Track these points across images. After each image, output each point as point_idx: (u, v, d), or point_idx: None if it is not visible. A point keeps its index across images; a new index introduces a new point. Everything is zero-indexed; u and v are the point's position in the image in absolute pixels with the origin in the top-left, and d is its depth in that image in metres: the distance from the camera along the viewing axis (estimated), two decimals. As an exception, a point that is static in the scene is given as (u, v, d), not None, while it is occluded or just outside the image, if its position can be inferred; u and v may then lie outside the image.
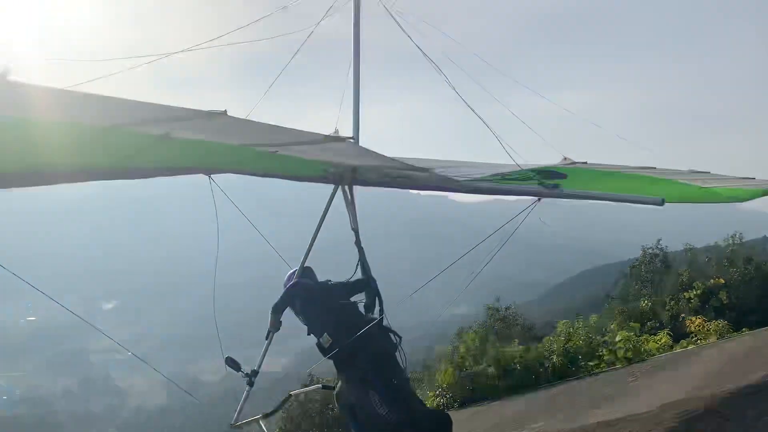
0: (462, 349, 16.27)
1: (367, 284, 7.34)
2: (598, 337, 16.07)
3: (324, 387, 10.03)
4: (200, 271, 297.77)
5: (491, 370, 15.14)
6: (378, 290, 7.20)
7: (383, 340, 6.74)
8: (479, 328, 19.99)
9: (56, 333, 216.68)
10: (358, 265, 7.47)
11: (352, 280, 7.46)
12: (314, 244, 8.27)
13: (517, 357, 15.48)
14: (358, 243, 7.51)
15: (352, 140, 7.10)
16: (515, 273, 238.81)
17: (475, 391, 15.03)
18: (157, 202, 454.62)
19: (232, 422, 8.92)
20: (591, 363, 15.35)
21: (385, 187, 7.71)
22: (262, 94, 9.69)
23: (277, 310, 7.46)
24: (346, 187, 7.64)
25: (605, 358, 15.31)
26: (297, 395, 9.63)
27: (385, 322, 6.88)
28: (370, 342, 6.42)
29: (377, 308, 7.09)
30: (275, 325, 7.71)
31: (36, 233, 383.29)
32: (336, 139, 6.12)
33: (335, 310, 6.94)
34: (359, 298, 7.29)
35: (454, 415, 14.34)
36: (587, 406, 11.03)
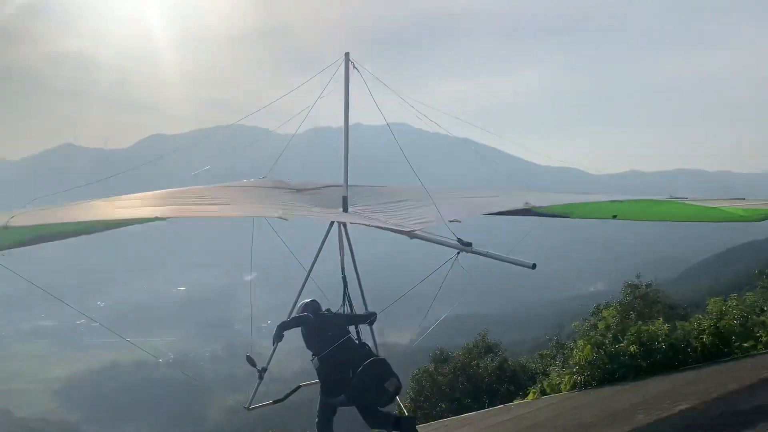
0: (601, 326, 15.47)
1: (369, 317, 9.93)
2: (754, 317, 14.62)
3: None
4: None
5: (633, 348, 14.28)
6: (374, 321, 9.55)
7: (358, 363, 8.80)
8: (618, 305, 18.94)
9: (203, 302, 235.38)
10: (344, 297, 10.13)
11: (359, 313, 9.54)
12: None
13: (662, 335, 14.48)
14: (344, 279, 10.05)
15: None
16: (656, 249, 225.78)
17: (614, 370, 14.27)
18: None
19: (247, 405, 11.71)
20: (746, 344, 14.05)
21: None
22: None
23: (281, 328, 9.40)
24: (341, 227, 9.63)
25: (763, 339, 13.95)
26: (305, 386, 11.96)
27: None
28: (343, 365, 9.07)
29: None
30: (277, 338, 9.60)
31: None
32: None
33: (324, 340, 9.15)
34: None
35: (592, 393, 13.75)
36: (742, 389, 10.10)
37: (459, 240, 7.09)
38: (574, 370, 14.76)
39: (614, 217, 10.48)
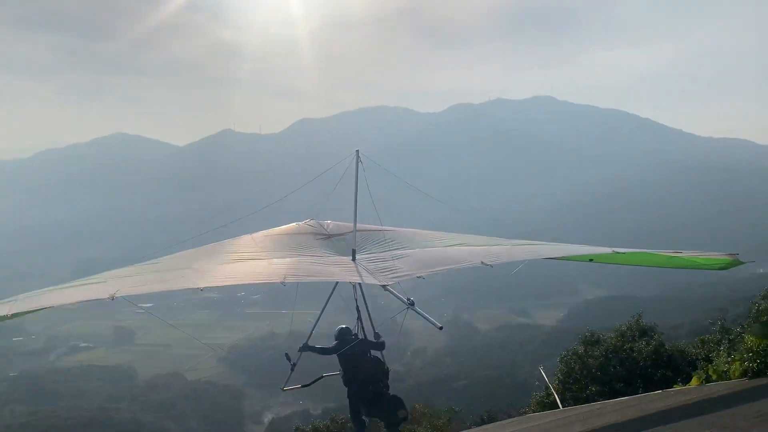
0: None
1: (381, 345, 12.64)
2: None
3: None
4: (478, 223, 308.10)
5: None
6: (383, 347, 12.06)
7: (368, 371, 11.97)
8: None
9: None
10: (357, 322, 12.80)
11: (375, 340, 12.38)
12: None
13: None
14: (357, 310, 12.54)
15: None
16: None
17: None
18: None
19: (282, 387, 14.23)
20: None
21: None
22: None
23: (303, 349, 13.23)
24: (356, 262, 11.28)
25: None
26: (327, 376, 14.30)
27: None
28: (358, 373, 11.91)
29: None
30: (297, 356, 12.99)
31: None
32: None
33: (348, 362, 12.08)
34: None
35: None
36: None
37: (408, 299, 9.80)
38: (745, 356, 13.49)
39: (591, 260, 12.50)
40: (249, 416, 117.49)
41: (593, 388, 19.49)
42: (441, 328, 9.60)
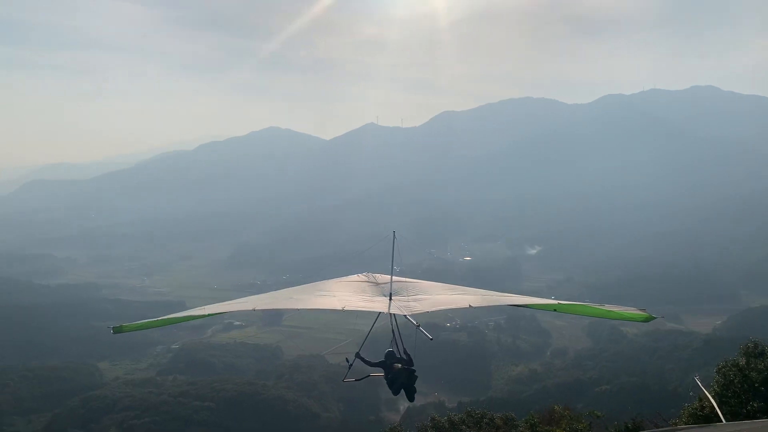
0: None
1: (409, 363, 15.11)
2: None
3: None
4: (627, 219, 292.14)
5: None
6: (410, 361, 15.14)
7: (402, 377, 14.82)
8: None
9: (487, 272, 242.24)
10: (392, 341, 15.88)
11: (404, 357, 15.34)
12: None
13: None
14: (393, 334, 15.64)
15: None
16: None
17: None
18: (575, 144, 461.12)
19: (344, 379, 16.71)
20: None
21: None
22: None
23: (358, 358, 16.15)
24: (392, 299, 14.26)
25: None
26: (372, 376, 16.46)
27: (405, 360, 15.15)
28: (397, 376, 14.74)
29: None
30: (353, 361, 16.13)
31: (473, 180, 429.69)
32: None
33: (389, 371, 15.04)
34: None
35: None
36: None
37: (417, 325, 12.63)
38: None
39: (555, 309, 15.00)
40: (385, 403, 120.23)
41: (755, 404, 17.82)
42: (431, 339, 13.28)
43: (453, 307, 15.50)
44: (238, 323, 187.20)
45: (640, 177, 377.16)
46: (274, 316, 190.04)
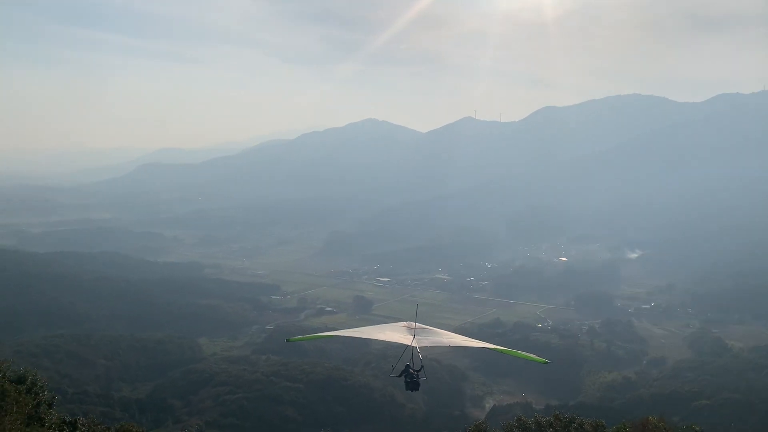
0: None
1: (418, 371, 19.23)
2: None
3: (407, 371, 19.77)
4: (739, 225, 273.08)
5: None
6: (417, 373, 19.34)
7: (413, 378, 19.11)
8: None
9: (584, 274, 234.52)
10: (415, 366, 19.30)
11: (416, 371, 19.32)
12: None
13: None
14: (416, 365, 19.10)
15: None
16: None
17: None
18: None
19: (391, 374, 19.68)
20: None
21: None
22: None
23: (399, 370, 18.82)
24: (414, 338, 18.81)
25: None
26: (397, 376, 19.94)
27: (414, 369, 19.29)
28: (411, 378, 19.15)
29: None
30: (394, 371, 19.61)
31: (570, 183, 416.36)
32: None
33: (408, 375, 19.07)
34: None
35: None
36: None
37: (419, 368, 19.16)
38: None
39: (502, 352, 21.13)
40: (470, 399, 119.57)
41: None
42: (425, 378, 20.03)
43: (452, 344, 21.99)
44: (329, 309, 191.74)
45: (754, 183, 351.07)
46: (364, 304, 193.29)
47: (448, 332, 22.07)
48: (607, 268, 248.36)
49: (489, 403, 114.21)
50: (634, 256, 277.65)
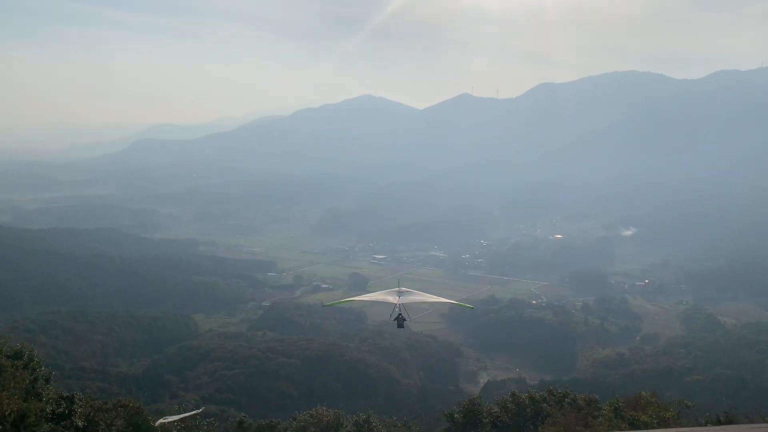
0: None
1: (404, 319, 27.72)
2: None
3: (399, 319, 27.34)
4: (735, 203, 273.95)
5: None
6: (404, 317, 27.56)
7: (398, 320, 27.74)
8: None
9: (579, 252, 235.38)
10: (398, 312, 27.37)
11: (402, 316, 27.53)
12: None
13: None
14: (400, 309, 26.88)
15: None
16: None
17: None
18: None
19: (390, 319, 27.39)
20: None
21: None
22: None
23: (396, 317, 27.42)
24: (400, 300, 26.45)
25: None
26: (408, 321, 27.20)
27: (404, 315, 27.38)
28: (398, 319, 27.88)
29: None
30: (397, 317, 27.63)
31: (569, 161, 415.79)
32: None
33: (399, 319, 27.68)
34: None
35: None
36: None
37: (399, 314, 27.24)
38: None
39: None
40: (464, 374, 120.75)
41: None
42: (409, 320, 28.07)
43: (428, 301, 29.96)
44: (325, 286, 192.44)
45: (751, 160, 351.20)
46: (360, 281, 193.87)
47: (425, 293, 28.89)
48: (602, 245, 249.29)
49: (483, 379, 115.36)
50: (628, 233, 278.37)
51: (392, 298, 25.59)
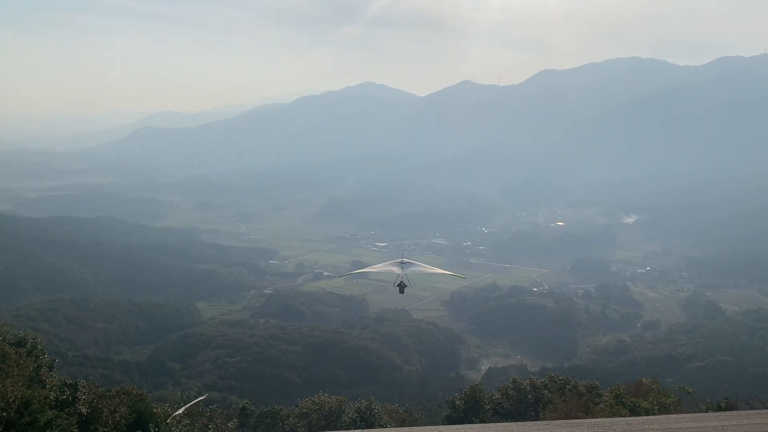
0: None
1: (403, 285, 29.74)
2: None
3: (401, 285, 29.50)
4: (736, 190, 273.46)
5: None
6: (405, 284, 29.60)
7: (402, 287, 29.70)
8: None
9: (580, 239, 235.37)
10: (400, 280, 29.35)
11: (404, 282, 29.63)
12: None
13: None
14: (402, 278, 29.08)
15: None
16: None
17: None
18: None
19: (394, 285, 29.77)
20: None
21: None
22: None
23: (398, 282, 29.61)
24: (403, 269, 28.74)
25: None
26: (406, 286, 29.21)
27: (405, 282, 29.22)
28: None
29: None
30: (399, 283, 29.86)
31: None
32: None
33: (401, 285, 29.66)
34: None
35: None
36: None
37: (401, 282, 29.22)
38: None
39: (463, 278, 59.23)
40: (465, 361, 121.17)
41: None
42: (410, 286, 29.69)
43: (428, 271, 32.55)
44: (327, 273, 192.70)
45: (753, 147, 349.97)
46: (361, 268, 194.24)
47: (423, 264, 32.50)
48: (604, 232, 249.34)
49: (485, 366, 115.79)
50: (630, 220, 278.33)
51: (396, 269, 28.67)
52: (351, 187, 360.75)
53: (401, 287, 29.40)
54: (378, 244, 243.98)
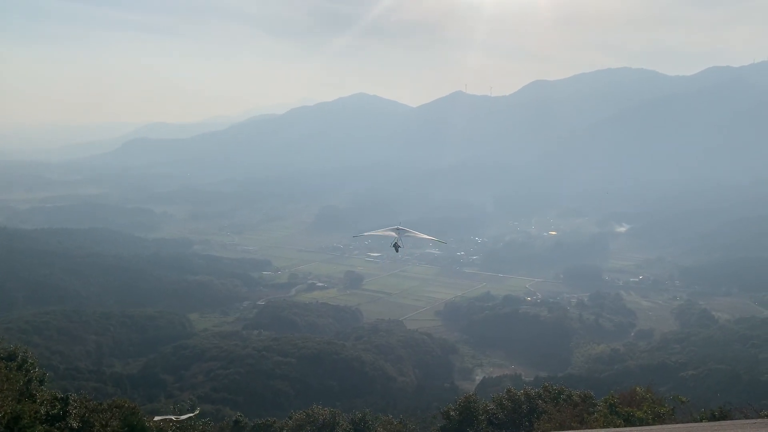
0: None
1: (397, 247, 34.80)
2: None
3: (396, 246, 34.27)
4: (728, 199, 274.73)
5: None
6: (398, 246, 34.68)
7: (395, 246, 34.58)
8: None
9: (573, 248, 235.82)
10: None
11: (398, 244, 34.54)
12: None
13: None
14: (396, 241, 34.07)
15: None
16: None
17: None
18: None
19: (390, 246, 35.18)
20: None
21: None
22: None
23: (393, 243, 34.75)
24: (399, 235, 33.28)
25: None
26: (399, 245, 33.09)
27: (399, 244, 33.96)
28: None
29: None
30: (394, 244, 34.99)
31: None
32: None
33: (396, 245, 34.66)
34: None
35: None
36: None
37: (396, 240, 33.52)
38: None
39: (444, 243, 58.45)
40: (459, 371, 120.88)
41: None
42: (402, 247, 34.72)
43: (420, 237, 35.76)
44: (320, 284, 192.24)
45: (744, 156, 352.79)
46: (355, 279, 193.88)
47: (416, 231, 35.49)
48: (596, 241, 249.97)
49: (479, 376, 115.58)
50: (622, 229, 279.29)
51: (394, 234, 32.73)
52: (344, 198, 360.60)
53: (396, 247, 34.22)
54: (371, 254, 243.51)
